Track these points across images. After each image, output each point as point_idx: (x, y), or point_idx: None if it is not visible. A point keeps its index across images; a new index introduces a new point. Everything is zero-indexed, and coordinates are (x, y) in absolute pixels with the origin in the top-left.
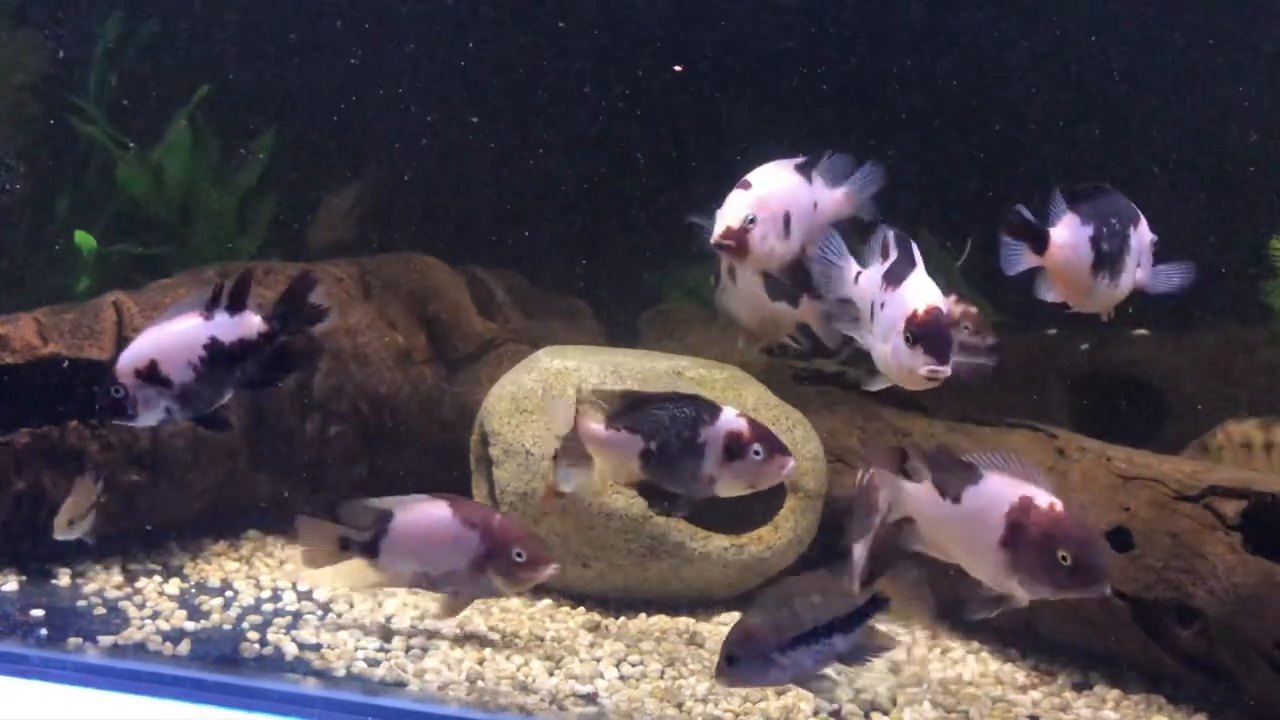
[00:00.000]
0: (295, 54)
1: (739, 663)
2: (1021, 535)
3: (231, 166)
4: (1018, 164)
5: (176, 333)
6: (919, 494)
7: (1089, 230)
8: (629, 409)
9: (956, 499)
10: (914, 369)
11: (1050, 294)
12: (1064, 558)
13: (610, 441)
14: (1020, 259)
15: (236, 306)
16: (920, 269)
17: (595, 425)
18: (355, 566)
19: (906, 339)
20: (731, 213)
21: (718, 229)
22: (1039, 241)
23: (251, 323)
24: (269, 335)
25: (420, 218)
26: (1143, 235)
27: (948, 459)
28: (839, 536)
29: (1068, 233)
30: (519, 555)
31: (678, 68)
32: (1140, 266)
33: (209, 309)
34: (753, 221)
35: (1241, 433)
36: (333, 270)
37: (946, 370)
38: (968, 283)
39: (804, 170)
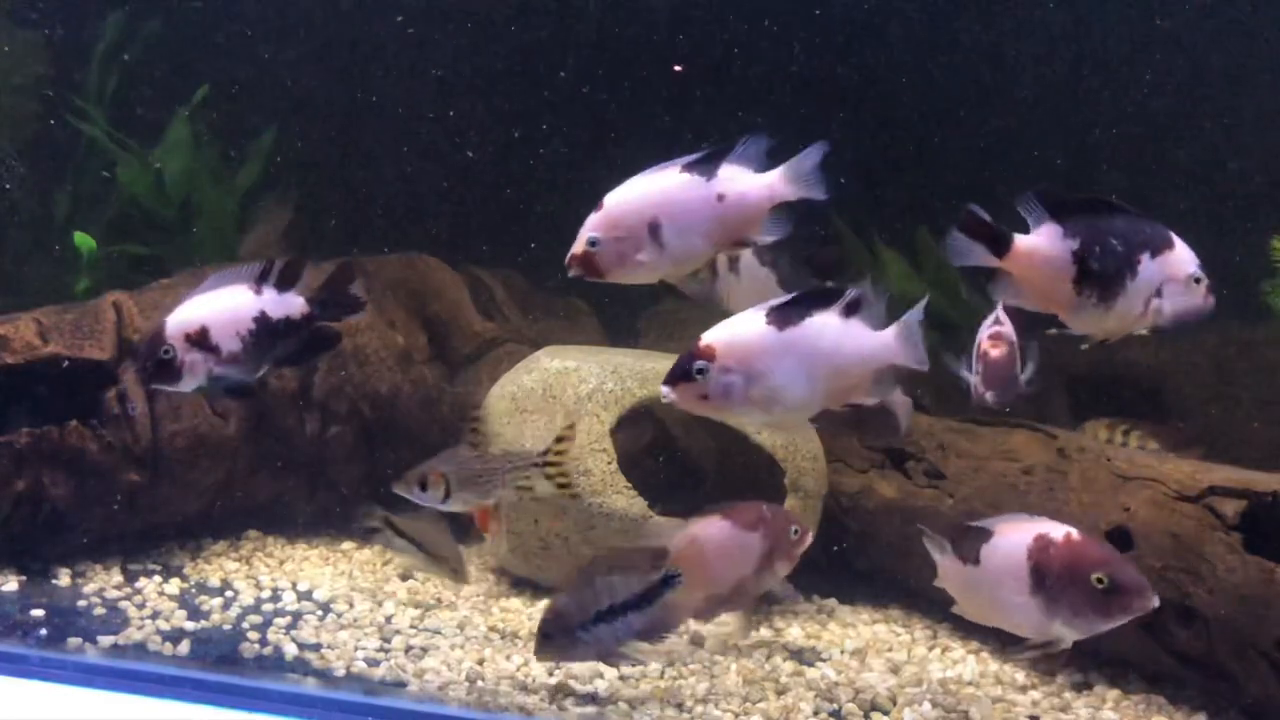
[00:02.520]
0: (295, 54)
1: (551, 640)
2: (1048, 574)
3: (231, 166)
4: (1017, 164)
5: (229, 302)
6: (947, 568)
7: (1073, 244)
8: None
9: (976, 560)
10: None
11: (1007, 295)
12: (1099, 580)
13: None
14: (972, 255)
15: (285, 285)
16: (757, 308)
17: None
18: None
19: None
20: (579, 236)
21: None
22: (998, 244)
23: (297, 303)
24: (310, 318)
25: (421, 217)
26: (1169, 267)
27: (961, 526)
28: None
29: (1042, 242)
30: (795, 532)
31: (677, 68)
32: (1163, 299)
33: (259, 283)
34: (594, 245)
35: (1093, 430)
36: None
37: (669, 395)
38: (968, 282)
39: (699, 167)
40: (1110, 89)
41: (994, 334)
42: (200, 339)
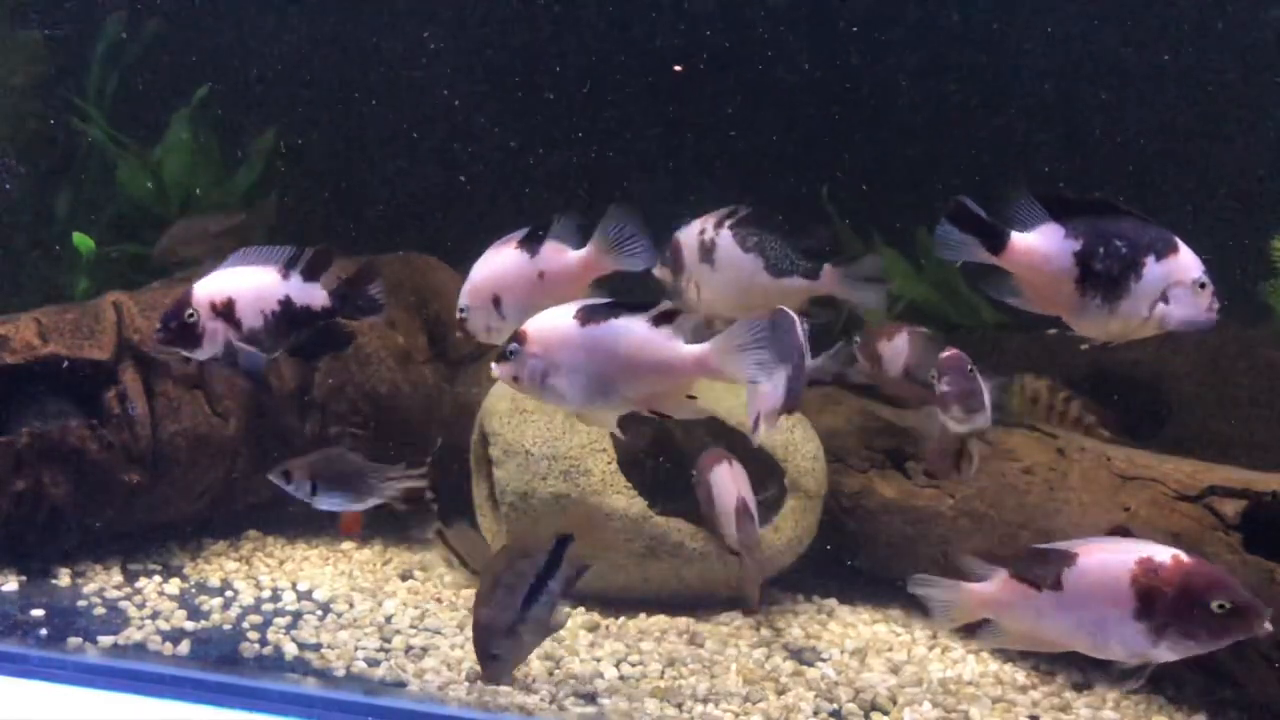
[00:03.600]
0: (294, 53)
1: (499, 659)
2: (1158, 599)
3: (231, 166)
4: (1020, 164)
5: (258, 280)
6: (998, 593)
7: (1075, 244)
8: None
9: (1057, 586)
10: None
11: (1007, 295)
12: (1220, 606)
13: None
14: (964, 250)
15: (310, 275)
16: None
17: None
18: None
19: None
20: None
21: None
22: (992, 239)
23: (319, 294)
24: (329, 311)
25: (421, 217)
26: (1175, 272)
27: (1030, 550)
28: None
29: (1043, 241)
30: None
31: (678, 68)
32: (1169, 303)
33: (287, 269)
34: (464, 312)
35: (1034, 388)
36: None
37: (494, 370)
38: (967, 282)
39: (528, 244)
40: (1113, 89)
41: (949, 352)
42: (225, 310)
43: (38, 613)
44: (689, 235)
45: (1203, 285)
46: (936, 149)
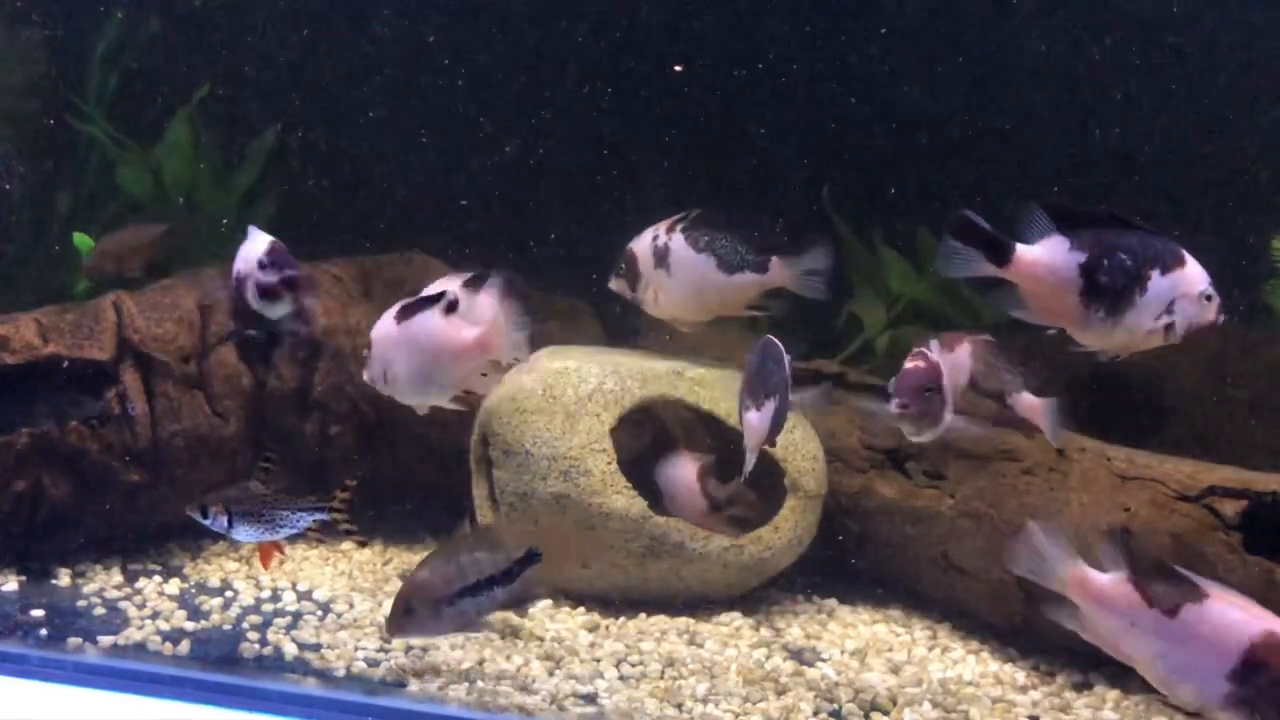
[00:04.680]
0: (296, 51)
1: (415, 614)
2: (1261, 674)
3: (231, 166)
4: (1021, 165)
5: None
6: (1105, 586)
7: (1080, 256)
8: None
9: (1171, 613)
10: None
11: (1016, 310)
12: None
13: None
14: (971, 264)
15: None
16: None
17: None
18: None
19: None
20: None
21: None
22: (999, 252)
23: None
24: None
25: (420, 217)
26: (1181, 284)
27: (1161, 566)
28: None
29: (1048, 253)
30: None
31: (677, 68)
32: (1175, 315)
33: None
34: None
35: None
36: (332, 270)
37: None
38: (966, 283)
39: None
40: (1116, 90)
41: (917, 353)
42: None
43: (38, 613)
44: (642, 244)
45: (1209, 298)
46: (938, 149)
